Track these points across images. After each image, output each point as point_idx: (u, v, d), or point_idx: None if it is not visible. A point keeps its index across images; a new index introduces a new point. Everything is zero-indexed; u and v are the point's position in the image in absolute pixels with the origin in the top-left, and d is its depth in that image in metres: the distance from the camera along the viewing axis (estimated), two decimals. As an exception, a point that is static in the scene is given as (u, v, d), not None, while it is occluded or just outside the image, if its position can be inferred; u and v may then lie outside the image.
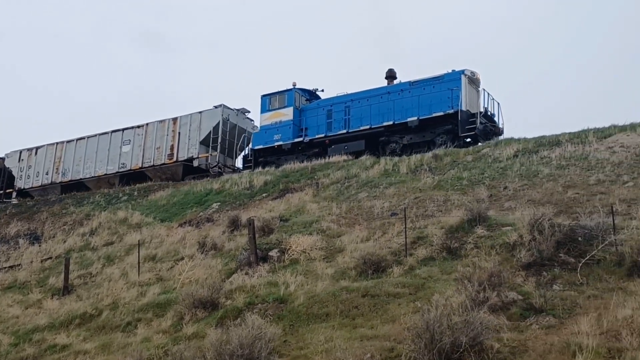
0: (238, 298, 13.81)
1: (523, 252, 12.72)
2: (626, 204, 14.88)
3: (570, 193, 16.51)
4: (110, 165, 34.24)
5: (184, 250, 19.07)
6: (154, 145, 33.10)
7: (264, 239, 17.36)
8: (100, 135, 35.26)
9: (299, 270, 14.95)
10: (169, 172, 32.63)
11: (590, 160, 18.59)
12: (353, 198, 20.67)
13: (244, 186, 25.71)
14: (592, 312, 10.07)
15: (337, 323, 11.63)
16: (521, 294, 11.25)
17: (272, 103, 30.18)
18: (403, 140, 26.70)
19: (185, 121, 32.62)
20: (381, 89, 28.43)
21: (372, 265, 13.93)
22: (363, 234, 16.72)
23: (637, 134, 19.42)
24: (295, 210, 20.49)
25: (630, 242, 12.11)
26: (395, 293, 12.45)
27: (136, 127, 34.20)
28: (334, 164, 25.69)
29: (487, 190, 18.12)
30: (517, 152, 20.85)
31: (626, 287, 10.98)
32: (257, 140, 30.45)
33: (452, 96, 25.76)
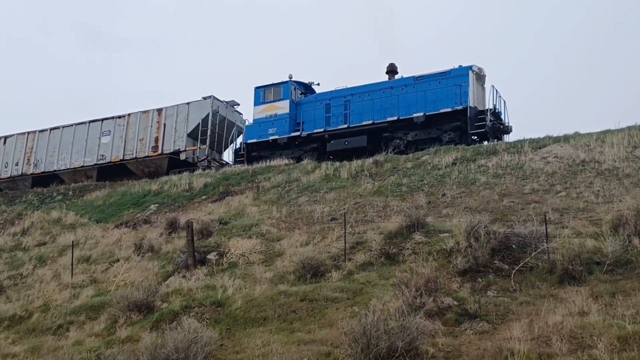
0: (174, 301, 13.61)
1: (459, 258, 12.94)
2: (559, 213, 15.31)
3: (505, 201, 16.89)
4: (87, 156, 32.52)
5: (120, 252, 18.68)
6: (136, 137, 31.59)
7: (203, 242, 17.17)
8: (77, 125, 33.49)
9: (237, 273, 14.84)
10: (153, 165, 31.25)
11: (525, 169, 19.05)
12: (293, 202, 20.65)
13: (184, 188, 25.39)
14: (524, 318, 10.30)
15: (274, 327, 11.57)
16: (457, 300, 11.43)
17: (266, 95, 28.94)
18: (408, 137, 25.85)
19: (171, 112, 31.28)
20: (383, 84, 27.53)
21: (311, 270, 13.93)
22: (303, 238, 16.72)
23: (570, 145, 20.02)
24: (235, 213, 20.35)
25: (562, 250, 12.47)
26: (334, 298, 12.48)
27: (117, 118, 32.66)
28: (275, 168, 25.62)
29: (426, 197, 18.37)
30: (456, 160, 21.21)
31: (557, 294, 11.28)
32: (251, 134, 29.14)
33: (460, 92, 25.02)
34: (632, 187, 15.60)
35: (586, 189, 16.59)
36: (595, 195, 16.06)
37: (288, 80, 28.97)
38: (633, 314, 9.81)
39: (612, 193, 15.88)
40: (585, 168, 18.07)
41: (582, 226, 14.06)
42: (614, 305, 10.35)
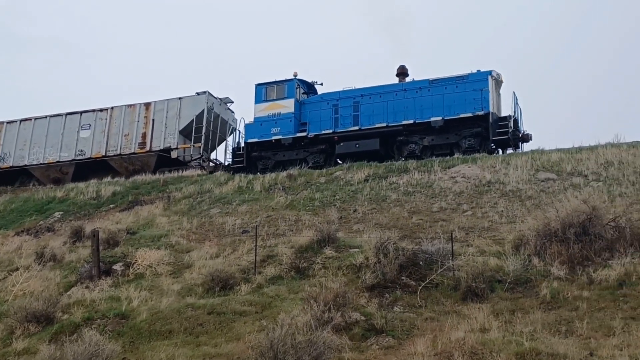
0: (76, 312, 13.13)
1: (368, 273, 13.09)
2: (464, 231, 15.77)
3: (414, 219, 17.26)
4: (64, 151, 30.14)
5: (20, 261, 17.84)
6: (120, 132, 29.54)
7: (109, 252, 16.67)
8: (52, 117, 31.05)
9: (143, 285, 14.49)
10: (139, 163, 29.27)
11: (434, 188, 19.54)
12: (205, 213, 20.40)
13: (91, 196, 24.64)
14: (428, 333, 10.53)
15: (180, 340, 11.34)
16: (364, 315, 11.55)
17: (268, 93, 27.29)
18: (424, 142, 24.75)
19: (161, 107, 29.43)
20: (396, 86, 26.47)
21: (220, 282, 13.77)
22: (213, 251, 16.52)
23: (477, 166, 20.69)
24: (144, 223, 19.90)
25: (466, 267, 12.84)
26: (242, 311, 12.38)
27: (98, 111, 30.51)
28: (188, 178, 25.27)
29: (338, 212, 18.53)
30: (368, 177, 21.53)
31: (460, 310, 11.59)
32: (251, 133, 27.17)
33: (481, 97, 24.19)
34: (534, 209, 16.25)
35: (491, 209, 17.17)
36: (499, 215, 16.64)
37: (293, 78, 27.46)
38: (531, 331, 10.20)
39: (515, 214, 16.49)
40: (490, 189, 18.71)
41: (486, 245, 14.53)
42: (513, 322, 10.73)
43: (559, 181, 18.41)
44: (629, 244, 12.98)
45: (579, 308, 11.02)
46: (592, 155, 19.78)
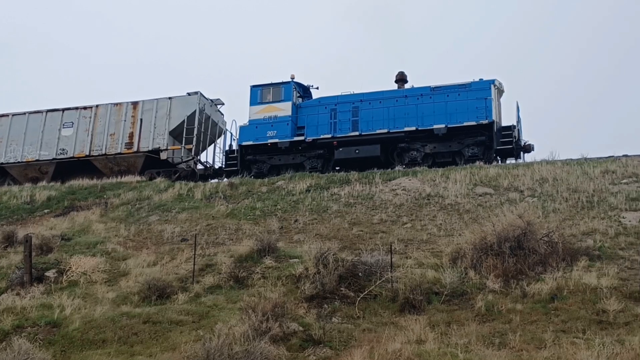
0: (5, 320, 12.68)
1: (307, 284, 13.09)
2: (404, 243, 15.95)
3: (355, 230, 17.37)
4: (44, 150, 28.70)
5: (-53, 266, 17.18)
6: (106, 131, 28.27)
7: (42, 258, 16.20)
8: (31, 114, 29.52)
9: (77, 293, 14.13)
10: (125, 164, 28.03)
11: (375, 200, 19.71)
12: (143, 221, 20.06)
13: (24, 200, 23.90)
14: (365, 344, 10.58)
15: (113, 350, 11.10)
16: (302, 325, 11.54)
17: (264, 95, 26.85)
18: (425, 149, 24.65)
19: (149, 107, 28.25)
20: (397, 92, 26.34)
21: (157, 291, 13.54)
22: (150, 258, 16.24)
23: (417, 179, 20.97)
24: (80, 230, 19.41)
25: (404, 279, 12.99)
26: (179, 320, 12.20)
27: (82, 109, 29.10)
28: (126, 184, 24.81)
29: (279, 222, 18.49)
30: (310, 187, 21.56)
31: (398, 321, 11.71)
32: (246, 136, 26.63)
33: (485, 106, 24.15)
34: (471, 222, 16.56)
35: (430, 222, 17.42)
36: (437, 228, 16.89)
37: (290, 80, 27.02)
38: (466, 342, 10.37)
39: (453, 227, 16.76)
40: (430, 202, 18.98)
41: (424, 257, 14.72)
42: (449, 334, 10.89)
43: (496, 196, 18.82)
44: (561, 258, 13.37)
45: (512, 321, 11.27)
46: (528, 171, 20.29)
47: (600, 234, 15.07)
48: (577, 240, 14.61)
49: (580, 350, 9.69)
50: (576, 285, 12.21)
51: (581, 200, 17.38)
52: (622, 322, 10.87)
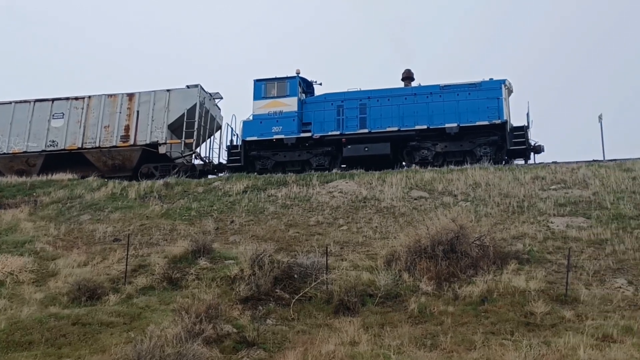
0: None
1: (242, 285, 13.03)
2: (340, 245, 16.03)
3: (291, 232, 17.36)
4: (32, 141, 27.32)
5: None
6: (99, 123, 27.07)
7: (-35, 257, 15.60)
8: (17, 103, 28.13)
9: (3, 293, 13.67)
10: (120, 158, 26.87)
11: (312, 202, 19.75)
12: (74, 220, 19.55)
13: (-51, 197, 22.97)
14: (299, 346, 10.58)
15: (40, 352, 10.76)
16: (236, 327, 11.46)
17: (268, 90, 26.22)
18: (437, 148, 24.42)
19: (146, 99, 27.14)
20: (405, 89, 26.09)
21: (87, 292, 13.21)
22: (81, 259, 15.84)
23: (354, 182, 21.13)
24: (7, 228, 18.76)
25: (340, 281, 13.06)
26: (109, 322, 11.94)
27: (73, 99, 27.81)
28: (57, 182, 24.12)
29: (215, 223, 18.32)
30: (247, 188, 21.45)
31: (332, 323, 11.75)
32: (250, 131, 25.88)
33: (497, 106, 24.15)
34: (406, 225, 16.77)
35: (366, 225, 17.56)
36: (373, 230, 17.04)
37: (296, 75, 26.46)
38: (398, 344, 10.50)
39: (388, 230, 16.95)
40: (366, 204, 19.14)
41: (360, 259, 14.82)
42: (382, 336, 11.00)
43: (430, 200, 19.12)
44: (492, 262, 13.69)
45: (443, 323, 11.46)
46: (462, 176, 20.69)
47: (530, 238, 15.50)
48: (508, 244, 14.99)
49: (509, 352, 9.93)
50: (506, 288, 12.52)
51: (512, 205, 17.83)
52: (548, 324, 11.20)
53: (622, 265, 13.63)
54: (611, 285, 12.81)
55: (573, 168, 20.45)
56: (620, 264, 13.68)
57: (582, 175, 19.62)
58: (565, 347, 9.97)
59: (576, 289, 12.47)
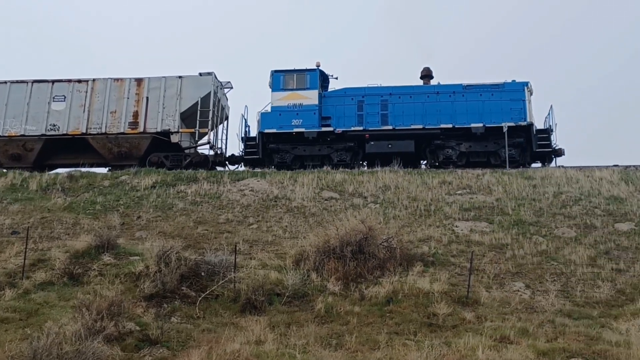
0: None
1: (147, 282, 12.72)
2: (249, 244, 15.94)
3: (200, 229, 17.12)
4: (30, 124, 25.68)
5: None
6: (105, 108, 25.74)
7: None
8: (13, 83, 26.35)
9: None
10: (127, 145, 25.61)
11: (222, 199, 19.55)
12: (-30, 210, 18.58)
13: None
14: (204, 345, 10.44)
15: None
16: (139, 325, 11.18)
17: (287, 82, 25.59)
18: (461, 147, 24.24)
19: (156, 85, 25.98)
20: (428, 87, 25.95)
21: (-19, 287, 12.57)
22: (-25, 251, 15.06)
23: (266, 180, 21.07)
24: None
25: (247, 280, 12.98)
26: (4, 318, 11.42)
27: (75, 82, 26.30)
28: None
29: (121, 218, 17.84)
30: (156, 183, 21.00)
31: (238, 322, 11.66)
32: (268, 123, 25.16)
33: (522, 107, 24.29)
34: (316, 225, 16.86)
35: (276, 224, 17.54)
36: (283, 230, 17.04)
37: (316, 68, 25.88)
38: (304, 344, 10.52)
39: (298, 229, 16.99)
40: (277, 204, 19.12)
41: (269, 258, 14.78)
42: (288, 335, 10.99)
43: (341, 201, 19.31)
44: (399, 263, 13.96)
45: (349, 322, 11.58)
46: (372, 178, 21.01)
47: (435, 241, 15.91)
48: (414, 247, 15.31)
49: (411, 352, 10.14)
50: (410, 290, 12.78)
51: (419, 209, 18.25)
52: (450, 325, 11.51)
53: (520, 270, 14.18)
54: (510, 288, 13.31)
55: (478, 174, 21.13)
56: (519, 268, 14.23)
57: (487, 182, 20.31)
58: (465, 347, 10.27)
59: (477, 292, 12.87)
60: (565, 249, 15.20)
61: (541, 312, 12.09)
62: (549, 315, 11.87)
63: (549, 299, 12.59)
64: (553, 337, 10.91)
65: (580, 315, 11.95)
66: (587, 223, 16.87)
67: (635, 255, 14.78)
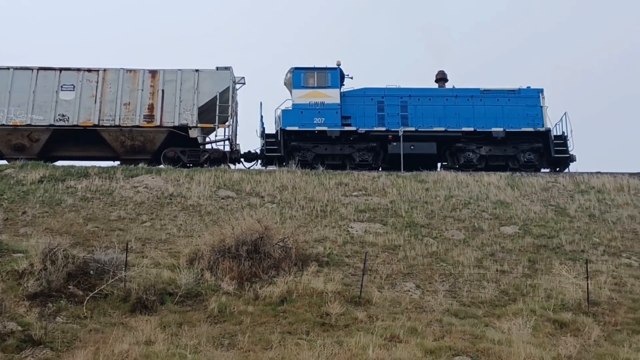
0: None
1: (32, 281, 12.14)
2: (141, 242, 15.55)
3: (90, 226, 16.54)
4: (37, 113, 24.17)
5: None
6: (119, 100, 24.57)
7: None
8: (17, 69, 24.76)
9: None
10: (141, 139, 24.55)
11: (115, 196, 18.98)
12: None
13: None
14: (90, 345, 10.09)
15: None
16: (21, 325, 10.65)
17: (307, 79, 25.40)
18: (481, 151, 24.61)
19: (172, 77, 25.03)
20: (446, 91, 26.23)
21: None
22: None
23: (161, 177, 20.62)
24: None
25: (139, 279, 12.63)
26: None
27: (85, 71, 24.99)
28: None
29: (4, 213, 16.99)
30: (43, 178, 20.12)
31: (128, 322, 11.34)
32: (290, 120, 24.87)
33: (538, 114, 25.09)
34: (212, 224, 16.67)
35: (170, 222, 17.20)
36: (177, 228, 16.74)
37: (337, 67, 25.65)
38: (195, 344, 10.37)
39: (193, 228, 16.74)
40: (172, 201, 18.76)
41: (162, 257, 14.48)
42: (179, 335, 10.81)
43: (237, 200, 19.18)
44: (294, 263, 14.01)
45: (243, 322, 11.52)
46: (270, 178, 21.00)
47: (330, 241, 16.09)
48: (309, 247, 15.42)
49: (303, 351, 10.19)
50: (305, 289, 12.86)
51: (316, 209, 18.40)
52: (342, 324, 11.67)
53: (411, 270, 14.58)
54: (401, 288, 13.64)
55: (374, 177, 21.55)
56: (410, 269, 14.62)
57: (382, 184, 20.75)
58: (356, 346, 10.44)
59: (370, 292, 13.11)
60: (454, 251, 15.75)
61: (430, 311, 12.47)
62: (437, 315, 12.26)
63: (437, 298, 13.01)
64: (440, 335, 11.28)
65: (466, 314, 12.41)
66: (475, 226, 17.56)
67: (519, 258, 15.51)
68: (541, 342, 11.08)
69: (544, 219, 18.17)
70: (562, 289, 13.45)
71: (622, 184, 21.21)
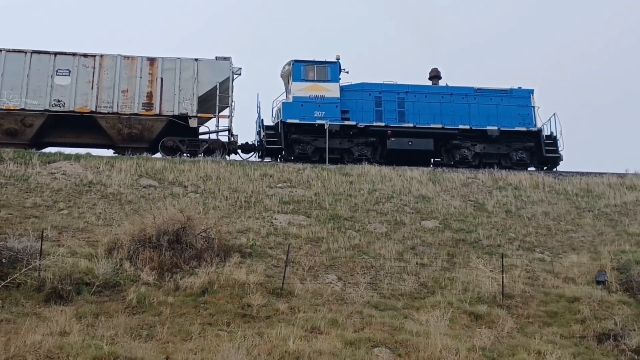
0: None
1: (-63, 269, 11.60)
2: (58, 230, 15.07)
3: (3, 212, 15.90)
4: (31, 98, 23.35)
5: None
6: (116, 86, 23.97)
7: None
8: (9, 52, 23.82)
9: None
10: (139, 127, 23.90)
11: (30, 182, 18.30)
12: None
13: None
14: (1, 336, 9.72)
15: None
16: None
17: (307, 72, 25.30)
18: (476, 148, 25.00)
19: (171, 66, 24.55)
20: (442, 88, 26.46)
21: None
22: None
23: (80, 164, 20.01)
24: None
25: (54, 268, 12.27)
26: None
27: (81, 56, 24.22)
28: None
29: None
30: (-46, 162, 19.21)
31: (41, 312, 11.00)
32: (291, 113, 24.72)
33: (530, 114, 25.66)
34: (132, 213, 16.31)
35: (89, 210, 16.73)
36: (96, 217, 16.30)
37: (337, 61, 25.63)
38: (112, 335, 10.15)
39: (113, 217, 16.33)
40: (91, 189, 18.24)
41: (79, 246, 14.08)
42: (95, 326, 10.56)
43: (160, 189, 18.83)
44: (216, 254, 13.89)
45: (162, 313, 11.35)
46: (193, 168, 20.70)
47: (254, 232, 16.02)
48: (232, 238, 15.31)
49: (223, 342, 10.13)
50: (226, 280, 12.78)
51: (240, 200, 18.27)
52: (263, 315, 11.66)
53: (334, 262, 14.69)
54: (323, 280, 13.74)
55: (299, 169, 21.58)
56: (333, 261, 14.74)
57: (307, 176, 20.79)
58: (277, 337, 10.45)
59: (292, 283, 13.14)
60: (376, 244, 15.97)
61: (351, 303, 12.61)
62: (357, 307, 12.41)
63: (358, 291, 13.18)
64: (360, 327, 11.43)
65: (386, 306, 12.61)
66: (397, 220, 17.84)
67: (438, 251, 15.87)
68: (457, 334, 11.39)
69: (463, 214, 18.64)
70: (479, 282, 13.85)
71: (537, 181, 21.99)
